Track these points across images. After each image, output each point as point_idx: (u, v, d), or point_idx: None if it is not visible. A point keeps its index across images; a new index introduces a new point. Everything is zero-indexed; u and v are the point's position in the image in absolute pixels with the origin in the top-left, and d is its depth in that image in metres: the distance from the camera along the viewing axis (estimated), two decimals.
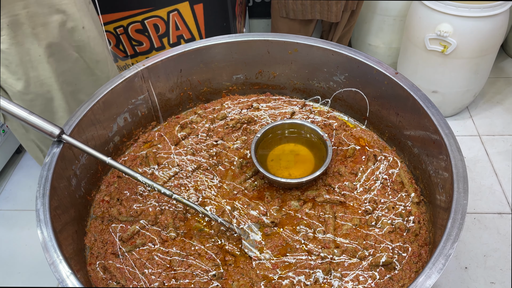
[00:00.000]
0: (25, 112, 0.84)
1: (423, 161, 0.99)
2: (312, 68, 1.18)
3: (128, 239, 0.94)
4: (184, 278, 0.87)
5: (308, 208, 0.98)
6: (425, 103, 0.95)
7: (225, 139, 1.15)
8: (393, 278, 0.85)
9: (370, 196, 1.00)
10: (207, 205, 1.00)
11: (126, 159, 1.12)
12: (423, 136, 0.97)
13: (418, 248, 0.89)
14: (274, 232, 0.94)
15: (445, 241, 0.72)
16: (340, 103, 1.21)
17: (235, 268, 0.89)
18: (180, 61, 1.15)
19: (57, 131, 0.87)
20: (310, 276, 0.86)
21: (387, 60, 2.37)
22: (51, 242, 0.75)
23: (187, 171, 1.07)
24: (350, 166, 1.06)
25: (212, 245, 0.92)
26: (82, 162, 0.98)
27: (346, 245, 0.91)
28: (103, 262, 0.90)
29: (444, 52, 1.85)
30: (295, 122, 1.10)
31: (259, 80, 1.26)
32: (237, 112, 1.22)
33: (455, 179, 0.80)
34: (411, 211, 0.96)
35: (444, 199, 0.85)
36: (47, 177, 0.84)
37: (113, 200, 1.02)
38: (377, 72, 1.05)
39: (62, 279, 0.71)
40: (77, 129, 0.95)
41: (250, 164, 1.08)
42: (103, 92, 1.02)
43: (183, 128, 1.19)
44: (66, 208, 0.90)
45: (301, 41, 1.14)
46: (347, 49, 1.10)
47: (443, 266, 0.69)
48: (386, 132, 1.13)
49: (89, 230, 0.96)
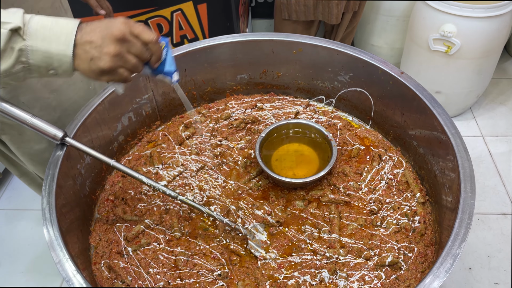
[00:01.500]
0: (28, 115, 0.82)
1: (428, 161, 0.99)
2: (317, 68, 1.18)
3: (133, 239, 0.94)
4: (189, 278, 0.86)
5: (313, 208, 0.98)
6: (431, 103, 0.94)
7: (229, 139, 1.15)
8: (399, 278, 0.85)
9: (375, 196, 0.99)
10: (211, 204, 1.00)
11: (131, 159, 1.12)
12: (429, 136, 0.97)
13: (424, 248, 0.89)
14: (279, 232, 0.94)
15: (453, 241, 0.72)
16: (344, 103, 1.21)
17: (240, 267, 0.88)
18: (184, 61, 1.15)
19: (60, 134, 0.85)
20: (316, 276, 0.86)
21: (390, 60, 2.36)
22: (57, 241, 0.75)
23: (192, 171, 1.07)
24: (355, 166, 1.06)
25: (217, 245, 0.92)
26: (87, 162, 0.98)
27: (352, 245, 0.90)
28: (108, 262, 0.90)
29: (448, 53, 1.85)
30: (299, 122, 1.10)
31: (263, 80, 1.26)
32: (241, 112, 1.22)
33: (462, 179, 0.80)
34: (416, 211, 0.95)
35: (451, 199, 0.85)
36: (53, 176, 0.84)
37: (117, 200, 1.02)
38: (382, 72, 1.05)
39: (68, 277, 0.71)
40: (82, 129, 0.95)
41: (254, 163, 1.08)
42: (108, 92, 1.02)
43: (187, 127, 1.19)
44: (71, 207, 0.90)
45: (306, 40, 1.13)
46: (352, 48, 1.10)
47: (451, 266, 0.69)
48: (391, 132, 1.12)
49: (94, 229, 0.96)
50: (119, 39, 0.67)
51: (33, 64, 0.66)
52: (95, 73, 0.69)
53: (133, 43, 0.69)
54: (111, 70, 0.68)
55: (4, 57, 0.64)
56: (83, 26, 0.67)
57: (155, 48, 0.73)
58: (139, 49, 0.70)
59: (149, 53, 0.73)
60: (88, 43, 0.66)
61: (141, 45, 0.70)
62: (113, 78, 0.71)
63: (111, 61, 0.67)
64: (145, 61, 0.73)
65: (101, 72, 0.68)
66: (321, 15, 1.92)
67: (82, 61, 0.67)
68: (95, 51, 0.66)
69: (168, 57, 0.77)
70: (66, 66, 0.67)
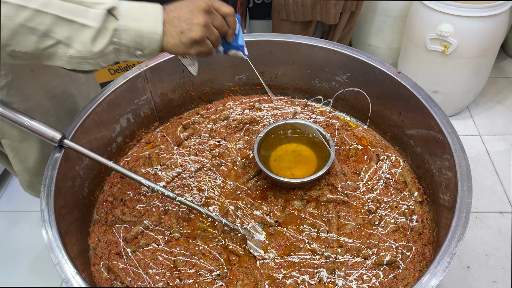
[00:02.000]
0: (26, 118, 0.83)
1: (426, 160, 0.99)
2: (314, 68, 1.19)
3: (132, 240, 0.94)
4: (188, 278, 0.87)
5: (311, 207, 0.98)
6: (428, 102, 0.95)
7: (228, 140, 1.15)
8: (397, 277, 0.85)
9: (373, 195, 1.00)
10: (210, 205, 1.00)
11: (129, 160, 1.12)
12: (426, 135, 0.98)
13: (422, 247, 0.89)
14: (278, 231, 0.94)
15: (450, 240, 0.72)
16: (342, 103, 1.22)
17: (239, 267, 0.89)
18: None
19: (59, 136, 0.85)
20: (314, 276, 0.86)
21: (387, 60, 2.38)
22: (56, 242, 0.75)
23: (190, 172, 1.07)
24: (352, 166, 1.07)
25: (216, 245, 0.92)
26: (86, 163, 0.98)
27: (350, 244, 0.91)
28: (107, 263, 0.90)
29: (445, 52, 1.85)
30: (297, 122, 1.10)
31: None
32: (240, 112, 1.22)
33: (459, 178, 0.81)
34: (414, 210, 0.96)
35: (448, 198, 0.85)
36: (52, 177, 0.84)
37: (116, 201, 1.02)
38: (379, 71, 1.06)
39: (67, 279, 0.71)
40: (80, 130, 0.95)
41: (253, 164, 1.08)
42: (106, 93, 1.02)
43: (186, 128, 1.19)
44: (70, 208, 0.90)
45: (303, 41, 1.14)
46: (349, 49, 1.10)
47: (448, 264, 0.69)
48: (388, 132, 1.13)
49: (92, 230, 0.97)
50: (206, 10, 0.71)
51: (124, 44, 0.69)
52: (186, 46, 0.72)
53: (216, 15, 0.74)
54: (201, 39, 0.72)
55: (99, 37, 0.67)
56: (166, 7, 0.72)
57: (232, 21, 0.77)
58: (220, 21, 0.75)
59: (227, 26, 0.76)
60: (176, 18, 0.71)
61: (221, 17, 0.75)
62: (201, 50, 0.74)
63: (202, 30, 0.71)
64: (223, 35, 0.77)
65: (192, 43, 0.72)
66: (319, 15, 1.92)
67: (172, 36, 0.71)
68: (184, 23, 0.70)
69: (240, 32, 0.80)
70: (155, 44, 0.71)
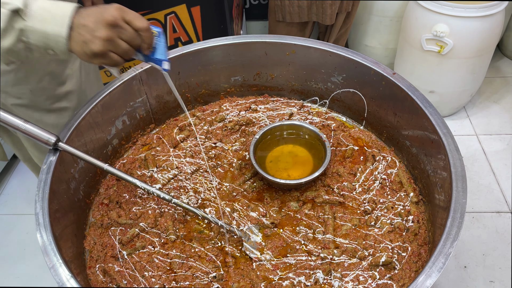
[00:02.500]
0: (20, 121, 0.83)
1: (421, 160, 0.99)
2: (310, 69, 1.19)
3: (128, 242, 0.93)
4: (184, 280, 0.86)
5: (307, 209, 0.98)
6: (422, 103, 0.95)
7: (224, 141, 1.15)
8: (393, 277, 0.85)
9: (369, 196, 1.00)
10: (206, 207, 1.00)
11: (125, 162, 1.12)
12: (421, 136, 0.98)
13: (418, 248, 0.89)
14: (274, 233, 0.94)
15: (445, 240, 0.72)
16: (338, 104, 1.22)
17: (235, 269, 0.89)
18: (178, 64, 1.15)
19: (53, 139, 0.85)
20: (310, 277, 0.86)
21: (384, 61, 2.38)
22: (51, 246, 0.75)
23: (186, 173, 1.07)
24: (348, 167, 1.07)
25: (212, 247, 0.92)
26: (81, 166, 0.98)
27: (346, 245, 0.91)
28: (103, 266, 0.90)
29: (441, 52, 1.86)
30: (293, 123, 1.10)
31: (257, 81, 1.26)
32: (236, 114, 1.22)
33: (453, 178, 0.81)
34: (410, 211, 0.96)
35: (443, 198, 0.86)
36: (46, 180, 0.84)
37: (112, 203, 1.02)
38: (374, 72, 1.06)
39: (62, 282, 0.71)
40: (75, 133, 0.95)
41: (249, 165, 1.08)
42: (102, 95, 1.02)
43: (182, 130, 1.19)
44: (65, 211, 0.89)
45: (299, 42, 1.14)
46: (344, 50, 1.10)
47: (443, 265, 0.69)
48: (384, 132, 1.13)
49: (88, 233, 0.96)
50: (110, 24, 0.71)
51: (33, 44, 0.72)
52: (88, 56, 0.73)
53: (125, 29, 0.73)
54: (102, 53, 0.72)
55: (5, 35, 0.70)
56: (81, 11, 0.72)
57: (146, 35, 0.76)
58: (130, 35, 0.74)
59: (140, 40, 0.76)
60: (82, 26, 0.71)
61: (133, 31, 0.74)
62: (104, 62, 0.74)
63: (102, 45, 0.71)
64: (136, 48, 0.76)
65: (93, 55, 0.72)
66: (315, 16, 1.93)
67: (76, 43, 0.72)
68: (88, 34, 0.70)
69: (160, 45, 0.80)
70: (62, 47, 0.72)
